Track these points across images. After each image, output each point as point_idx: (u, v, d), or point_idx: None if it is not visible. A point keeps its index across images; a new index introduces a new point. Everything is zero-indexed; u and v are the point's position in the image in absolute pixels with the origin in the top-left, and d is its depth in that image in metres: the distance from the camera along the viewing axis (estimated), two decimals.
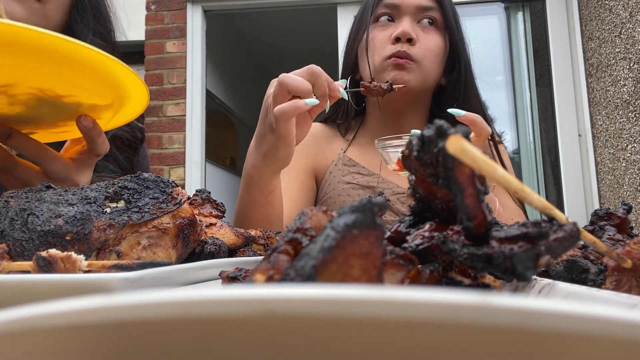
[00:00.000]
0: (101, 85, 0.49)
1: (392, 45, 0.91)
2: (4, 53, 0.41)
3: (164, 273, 0.29)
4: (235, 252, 0.48)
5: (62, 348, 0.12)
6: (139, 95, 0.53)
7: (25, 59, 0.42)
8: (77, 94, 0.49)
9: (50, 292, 0.25)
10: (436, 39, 0.94)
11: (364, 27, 0.96)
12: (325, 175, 1.00)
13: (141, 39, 2.96)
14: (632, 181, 1.95)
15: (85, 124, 0.52)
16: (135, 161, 0.84)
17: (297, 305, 0.11)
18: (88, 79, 0.47)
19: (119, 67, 0.46)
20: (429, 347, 0.11)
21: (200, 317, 0.11)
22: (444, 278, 0.25)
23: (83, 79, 0.46)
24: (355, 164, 0.98)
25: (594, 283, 0.31)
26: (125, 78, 0.48)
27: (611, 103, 2.12)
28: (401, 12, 0.93)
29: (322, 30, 3.64)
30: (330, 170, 1.00)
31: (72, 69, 0.45)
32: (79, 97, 0.50)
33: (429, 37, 0.93)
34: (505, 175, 0.19)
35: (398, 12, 0.94)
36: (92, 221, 0.35)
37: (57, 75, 0.45)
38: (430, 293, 0.10)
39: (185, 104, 2.89)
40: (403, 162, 0.25)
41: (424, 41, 0.92)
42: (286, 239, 0.19)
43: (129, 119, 0.60)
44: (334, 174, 0.98)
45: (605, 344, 0.10)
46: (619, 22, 2.03)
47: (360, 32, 0.97)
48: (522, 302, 0.10)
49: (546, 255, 0.19)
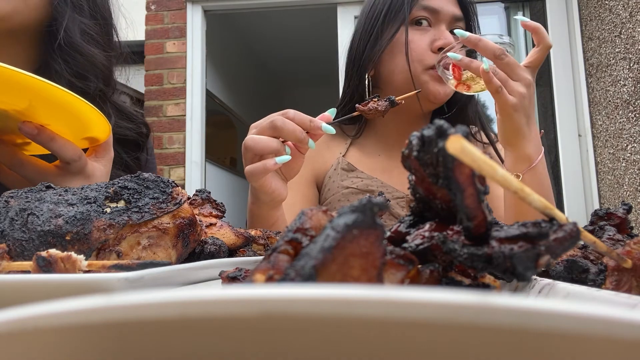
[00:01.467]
0: (69, 124, 0.51)
1: (433, 55, 0.89)
2: None
3: (164, 273, 0.29)
4: (235, 252, 0.48)
5: (62, 348, 0.12)
6: (101, 129, 0.55)
7: None
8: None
9: (50, 292, 0.25)
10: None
11: (397, 24, 0.91)
12: (325, 180, 0.99)
13: (141, 39, 2.96)
14: (632, 181, 1.95)
15: (28, 131, 0.51)
16: (143, 159, 0.82)
17: (297, 305, 0.11)
18: (58, 117, 0.50)
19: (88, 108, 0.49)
20: (429, 347, 0.11)
21: (200, 317, 0.11)
22: (444, 278, 0.25)
23: (53, 117, 0.49)
24: (354, 169, 0.98)
25: (594, 283, 0.31)
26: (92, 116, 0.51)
27: (611, 103, 2.12)
28: (439, 19, 0.92)
29: (322, 30, 3.64)
30: (330, 174, 0.99)
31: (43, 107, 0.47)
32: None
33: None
34: (506, 175, 0.19)
35: (436, 17, 0.92)
36: (92, 221, 0.35)
37: (25, 109, 0.48)
38: (430, 293, 0.10)
39: (185, 104, 2.89)
40: (403, 162, 0.25)
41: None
42: (286, 239, 0.19)
43: (89, 145, 0.60)
44: (333, 179, 0.98)
45: (605, 344, 0.10)
46: (619, 22, 2.03)
47: (389, 29, 0.92)
48: (522, 302, 0.10)
49: (546, 255, 0.19)
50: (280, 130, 0.66)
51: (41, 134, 0.51)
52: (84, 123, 0.53)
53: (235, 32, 3.95)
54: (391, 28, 0.92)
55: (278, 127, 0.66)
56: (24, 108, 0.49)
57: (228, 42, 3.85)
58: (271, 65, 4.78)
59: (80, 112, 0.50)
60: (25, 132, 0.51)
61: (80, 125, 0.53)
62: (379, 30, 0.94)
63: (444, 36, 0.89)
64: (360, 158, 1.00)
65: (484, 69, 0.70)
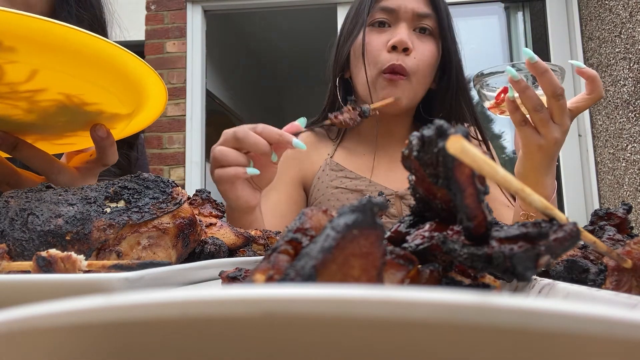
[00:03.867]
0: (126, 89, 0.47)
1: (387, 54, 0.89)
2: (32, 51, 0.39)
3: (164, 273, 0.29)
4: (235, 252, 0.48)
5: (62, 348, 0.12)
6: (157, 98, 0.51)
7: (54, 58, 0.40)
8: (103, 101, 0.47)
9: (50, 292, 0.25)
10: (431, 48, 0.93)
11: (358, 28, 0.93)
12: (314, 182, 1.00)
13: (141, 39, 2.96)
14: (632, 181, 1.95)
15: (99, 134, 0.50)
16: (133, 157, 0.82)
17: (297, 305, 0.11)
18: (115, 82, 0.45)
19: (144, 68, 0.44)
20: (429, 347, 0.11)
21: (200, 317, 0.11)
22: (444, 278, 0.25)
23: (110, 81, 0.45)
24: (342, 169, 0.98)
25: (594, 283, 0.31)
26: (147, 78, 0.47)
27: (611, 103, 2.12)
28: (398, 18, 0.92)
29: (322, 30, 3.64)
30: (318, 176, 1.00)
31: (105, 72, 0.43)
32: (103, 106, 0.48)
33: (423, 46, 0.92)
34: (506, 176, 0.19)
35: (395, 17, 0.92)
36: (92, 221, 0.35)
37: (87, 78, 0.43)
38: (430, 293, 0.10)
39: (185, 104, 2.89)
40: (403, 162, 0.25)
41: (419, 50, 0.91)
42: (286, 239, 0.19)
43: (140, 128, 0.58)
44: (322, 180, 0.99)
45: (605, 344, 0.10)
46: (619, 22, 2.03)
47: (354, 32, 0.95)
48: (522, 302, 0.10)
49: (546, 255, 0.19)
50: (241, 141, 0.66)
51: (109, 137, 0.51)
52: (141, 90, 0.48)
53: (235, 32, 3.95)
54: (354, 31, 0.94)
55: (240, 138, 0.66)
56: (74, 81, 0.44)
57: (228, 42, 3.85)
58: (271, 65, 4.78)
59: (135, 76, 0.45)
60: (97, 135, 0.50)
61: (138, 92, 0.48)
62: (348, 33, 0.96)
63: (397, 33, 0.89)
64: (347, 157, 1.01)
65: (508, 97, 0.66)
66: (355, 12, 0.97)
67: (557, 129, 0.66)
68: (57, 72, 0.42)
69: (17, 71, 0.41)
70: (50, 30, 0.37)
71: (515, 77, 0.65)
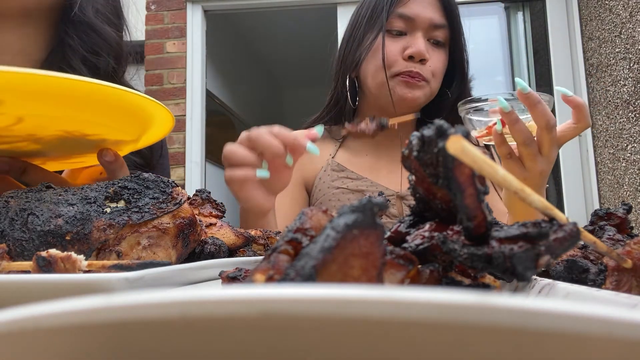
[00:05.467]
0: (129, 122, 0.47)
1: (403, 62, 0.90)
2: (33, 103, 0.39)
3: (164, 273, 0.29)
4: (235, 252, 0.48)
5: (62, 348, 0.12)
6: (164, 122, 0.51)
7: (55, 106, 0.40)
8: (104, 132, 0.47)
9: (50, 292, 0.25)
10: (443, 58, 0.94)
11: (375, 32, 0.94)
12: (315, 182, 1.01)
13: (141, 39, 2.96)
14: (632, 181, 1.95)
15: (107, 159, 0.50)
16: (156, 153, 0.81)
17: (297, 306, 0.11)
18: (117, 118, 0.45)
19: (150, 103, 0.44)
20: (429, 347, 0.11)
21: (200, 317, 0.11)
22: (444, 278, 0.25)
23: (112, 119, 0.45)
24: (344, 169, 0.99)
25: (594, 283, 0.31)
26: (154, 111, 0.47)
27: (611, 103, 2.12)
28: (415, 27, 0.92)
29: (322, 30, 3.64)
30: (320, 176, 1.00)
31: (102, 111, 0.43)
32: (105, 135, 0.48)
33: (437, 55, 0.93)
34: (506, 176, 0.19)
35: (412, 25, 0.92)
36: (92, 221, 0.35)
37: (86, 118, 0.43)
38: (430, 293, 0.10)
39: (185, 104, 2.89)
40: (403, 162, 0.25)
41: (434, 60, 0.92)
42: (286, 239, 0.19)
43: (150, 142, 0.58)
44: (324, 180, 0.99)
45: (605, 344, 0.10)
46: (619, 22, 2.03)
47: (369, 36, 0.95)
48: (522, 302, 0.10)
49: (546, 256, 0.19)
50: (255, 142, 0.65)
51: (117, 159, 0.50)
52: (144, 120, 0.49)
53: (235, 32, 3.95)
54: (370, 34, 0.95)
55: (253, 139, 0.66)
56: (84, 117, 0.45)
57: (228, 42, 3.84)
58: (271, 65, 4.78)
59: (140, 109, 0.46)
60: (105, 160, 0.49)
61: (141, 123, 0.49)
62: (361, 36, 0.97)
63: (415, 44, 0.90)
64: (349, 158, 1.02)
65: (496, 129, 0.65)
66: (370, 15, 0.96)
67: (544, 161, 0.65)
68: (50, 117, 0.42)
69: (5, 119, 0.40)
70: (42, 81, 0.37)
71: (506, 109, 0.63)
